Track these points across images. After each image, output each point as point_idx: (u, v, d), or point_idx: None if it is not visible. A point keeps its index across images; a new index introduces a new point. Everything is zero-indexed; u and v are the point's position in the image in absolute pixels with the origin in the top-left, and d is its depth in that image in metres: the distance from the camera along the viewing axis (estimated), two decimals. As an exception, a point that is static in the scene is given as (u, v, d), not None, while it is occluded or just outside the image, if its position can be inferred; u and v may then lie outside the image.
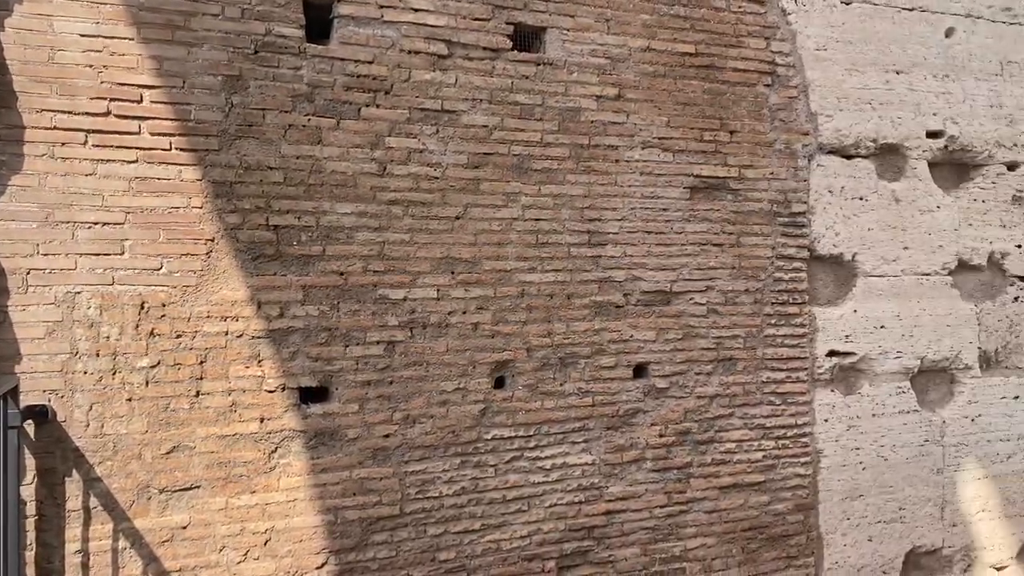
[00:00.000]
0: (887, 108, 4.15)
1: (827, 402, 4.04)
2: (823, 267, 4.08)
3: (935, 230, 4.26)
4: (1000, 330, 4.41)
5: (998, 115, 4.39)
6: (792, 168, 3.96)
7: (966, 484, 4.33)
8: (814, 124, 4.01)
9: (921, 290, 4.23)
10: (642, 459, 3.68)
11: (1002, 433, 4.42)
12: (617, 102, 3.64)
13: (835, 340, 4.05)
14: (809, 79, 4.00)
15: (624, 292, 3.64)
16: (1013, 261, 4.44)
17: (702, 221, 3.78)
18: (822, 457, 4.03)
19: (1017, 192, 4.44)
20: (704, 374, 3.78)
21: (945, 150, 4.30)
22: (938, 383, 4.36)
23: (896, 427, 4.18)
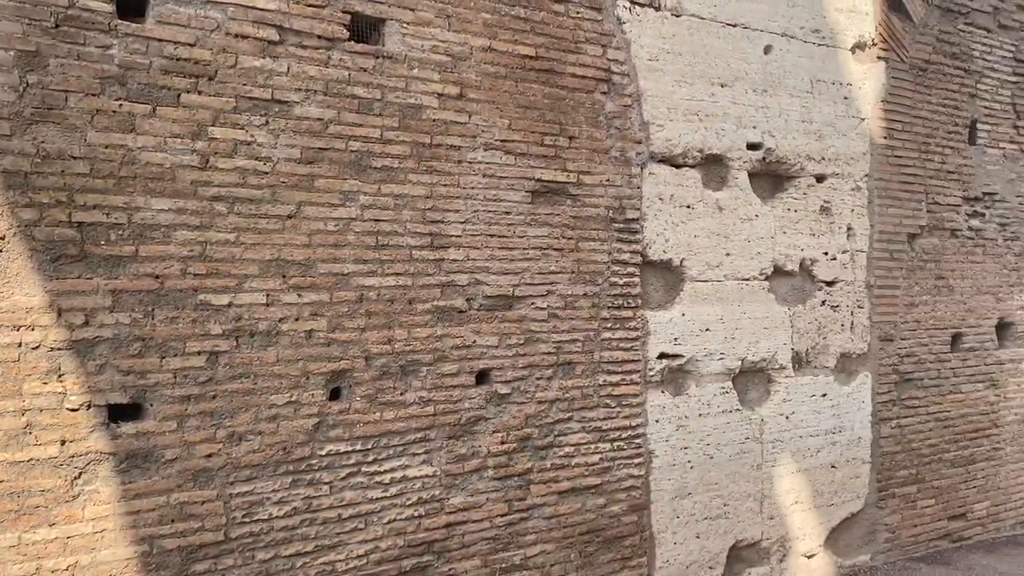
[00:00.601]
0: (712, 120, 4.32)
1: (658, 403, 4.14)
2: (654, 272, 4.18)
3: (754, 237, 4.49)
4: (810, 332, 4.71)
5: (809, 130, 4.69)
6: (627, 175, 4.02)
7: (782, 478, 4.59)
8: (647, 133, 4.10)
9: (742, 294, 4.44)
10: (483, 468, 3.59)
11: (812, 429, 4.72)
12: (459, 101, 3.53)
13: (665, 343, 4.16)
14: (642, 88, 4.08)
15: (467, 297, 3.54)
16: (821, 267, 4.76)
17: (543, 225, 3.75)
18: (654, 457, 4.12)
19: (825, 203, 4.76)
20: (545, 379, 3.75)
21: (763, 161, 4.53)
22: (757, 383, 4.59)
23: (720, 426, 4.35)
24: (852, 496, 4.91)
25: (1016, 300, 5.75)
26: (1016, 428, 5.77)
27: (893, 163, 5.07)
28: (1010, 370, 5.73)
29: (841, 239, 4.85)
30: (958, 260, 5.41)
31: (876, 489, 5.02)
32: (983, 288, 5.55)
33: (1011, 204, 5.71)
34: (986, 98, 5.59)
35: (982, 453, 5.57)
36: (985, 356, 5.57)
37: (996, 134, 5.65)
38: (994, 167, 5.62)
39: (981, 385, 5.55)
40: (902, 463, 5.13)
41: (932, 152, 5.26)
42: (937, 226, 5.30)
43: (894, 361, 5.08)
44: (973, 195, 5.49)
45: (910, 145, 5.15)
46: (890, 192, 5.06)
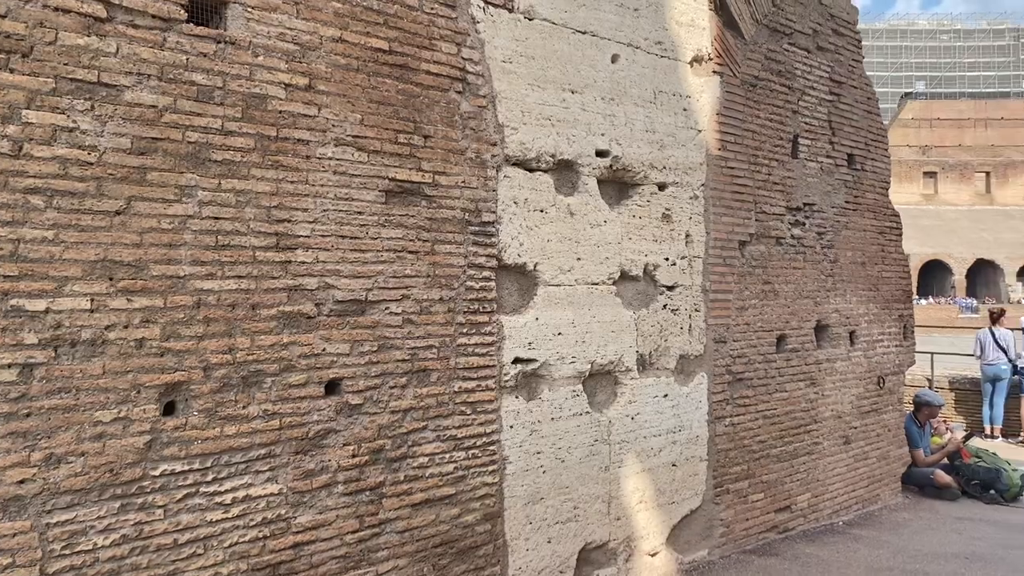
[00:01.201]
0: (564, 125, 4.34)
1: (512, 409, 4.09)
2: (509, 276, 4.14)
3: (603, 243, 4.55)
4: (653, 335, 4.84)
5: (652, 139, 4.82)
6: (482, 177, 3.95)
7: (628, 479, 4.68)
8: (502, 135, 4.05)
9: (592, 299, 4.48)
10: (333, 483, 3.39)
11: (655, 429, 4.84)
12: (308, 93, 3.33)
13: (520, 347, 4.12)
14: (497, 90, 4.03)
15: (316, 301, 3.33)
16: (663, 272, 4.90)
17: (398, 227, 3.60)
18: (508, 464, 4.07)
19: (666, 210, 4.91)
20: (399, 387, 3.61)
21: (610, 169, 4.61)
22: (604, 385, 4.65)
23: (571, 429, 4.37)
24: (691, 493, 5.09)
25: (831, 304, 6.19)
26: (832, 423, 6.21)
27: (726, 173, 5.32)
28: (826, 369, 6.16)
29: (681, 245, 5.02)
30: (782, 266, 5.75)
31: (712, 486, 5.23)
32: (804, 293, 5.93)
33: (827, 214, 6.15)
34: (806, 114, 5.99)
35: (803, 448, 5.94)
36: (805, 356, 5.96)
37: (815, 148, 6.06)
38: (813, 179, 6.03)
39: (802, 383, 5.93)
40: (735, 459, 5.38)
41: (760, 164, 5.57)
42: (764, 234, 5.61)
43: (727, 362, 5.32)
44: (795, 205, 5.86)
45: (741, 157, 5.42)
46: (724, 201, 5.30)
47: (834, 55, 6.27)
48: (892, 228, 6.88)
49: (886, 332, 6.82)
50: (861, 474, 6.57)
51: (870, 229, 6.63)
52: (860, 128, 6.55)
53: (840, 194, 6.30)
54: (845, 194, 6.36)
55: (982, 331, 11.16)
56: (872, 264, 6.64)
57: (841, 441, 6.32)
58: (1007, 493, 7.09)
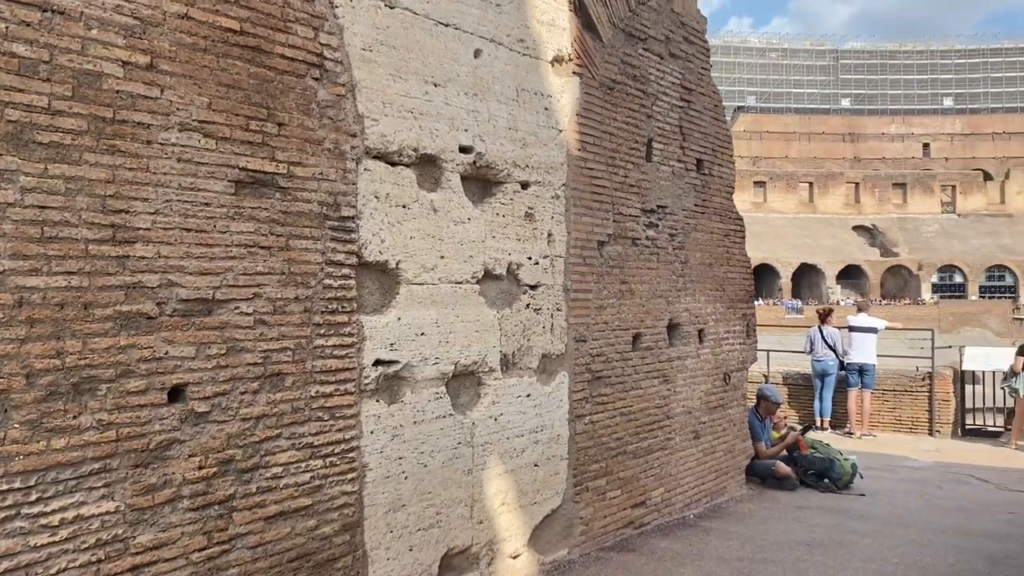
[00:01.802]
0: (427, 119, 4.21)
1: (373, 413, 3.92)
2: (370, 274, 3.97)
3: (466, 241, 4.46)
4: (516, 334, 4.79)
5: (515, 137, 4.77)
6: (341, 170, 3.76)
7: (491, 481, 4.60)
8: (361, 126, 3.88)
9: (456, 298, 4.38)
10: (178, 498, 3.11)
11: (518, 429, 4.80)
12: (149, 73, 3.04)
13: (381, 349, 3.96)
14: (357, 79, 3.85)
15: (158, 300, 3.04)
16: (526, 272, 4.86)
17: (249, 220, 3.36)
18: (368, 471, 3.89)
19: (529, 209, 4.88)
20: (250, 393, 3.36)
21: (474, 165, 4.52)
22: (468, 386, 4.56)
23: (434, 432, 4.24)
24: (552, 493, 5.09)
25: (682, 303, 6.39)
26: (683, 419, 6.40)
27: (586, 174, 5.36)
28: (678, 366, 6.34)
29: (543, 245, 5.00)
30: (638, 267, 5.87)
31: (572, 484, 5.25)
32: (658, 292, 6.08)
33: (679, 217, 6.34)
34: (659, 119, 6.14)
35: (657, 443, 6.08)
36: (659, 354, 6.11)
37: (667, 152, 6.23)
38: (666, 182, 6.19)
39: (656, 380, 6.07)
40: (594, 457, 5.42)
41: (617, 166, 5.65)
42: (621, 235, 5.70)
43: (587, 360, 5.36)
44: (649, 207, 5.99)
45: (600, 158, 5.48)
46: (584, 202, 5.34)
47: (685, 62, 6.47)
48: (736, 231, 7.19)
49: (731, 330, 7.11)
50: (710, 467, 6.81)
51: (717, 232, 6.90)
52: (708, 134, 6.80)
53: (690, 197, 6.51)
54: (695, 197, 6.58)
55: (812, 329, 11.91)
56: (719, 265, 6.91)
57: (691, 436, 6.52)
58: (840, 481, 7.58)
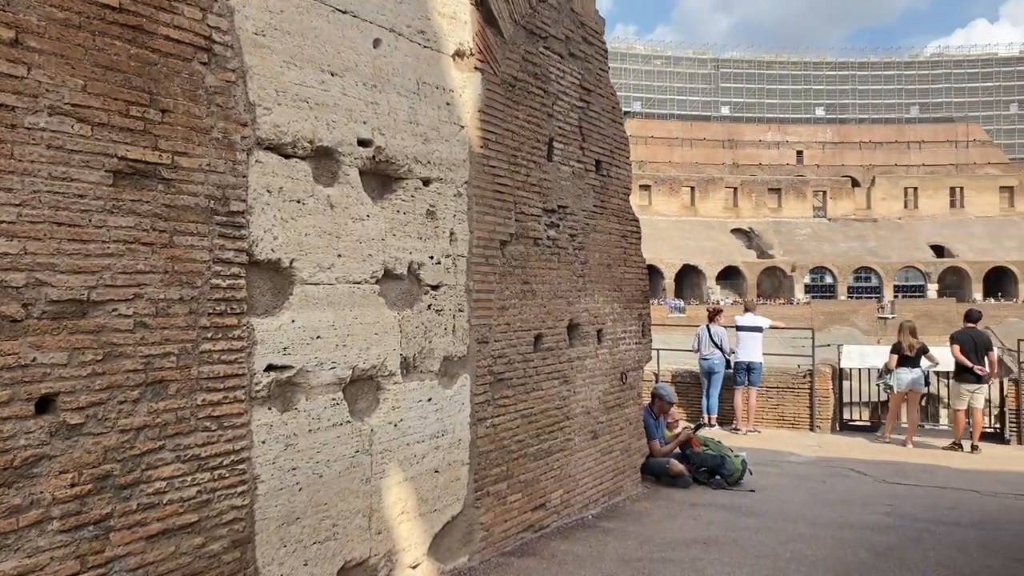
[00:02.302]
0: (323, 109, 4.00)
1: (265, 422, 3.68)
2: (262, 273, 3.72)
3: (365, 239, 4.26)
4: (417, 336, 4.63)
5: (416, 132, 4.61)
6: (230, 161, 3.50)
7: (390, 489, 4.42)
8: (253, 115, 3.63)
9: (354, 299, 4.18)
10: (47, 519, 2.80)
11: (419, 435, 4.63)
12: (14, 49, 2.72)
13: (274, 353, 3.72)
14: (248, 65, 3.60)
15: (24, 302, 2.73)
16: (427, 271, 4.70)
17: (129, 214, 3.07)
18: (259, 483, 3.65)
19: (431, 207, 4.72)
20: (130, 402, 3.07)
21: (373, 160, 4.33)
22: (366, 391, 4.36)
23: (331, 441, 4.03)
24: (453, 499, 4.94)
25: (582, 304, 6.36)
26: (582, 419, 6.38)
27: (489, 172, 5.24)
28: (578, 367, 6.32)
29: (445, 243, 4.85)
30: (540, 267, 5.80)
31: (473, 490, 5.12)
32: (559, 293, 6.03)
33: (579, 217, 6.31)
34: (560, 119, 6.10)
35: (557, 445, 6.03)
36: (560, 355, 6.06)
37: (568, 153, 6.19)
38: (566, 182, 6.15)
39: (556, 381, 6.02)
40: (495, 461, 5.32)
41: (520, 164, 5.56)
42: (523, 234, 5.61)
43: (489, 362, 5.25)
44: (551, 207, 5.93)
45: (502, 156, 5.38)
46: (486, 200, 5.22)
47: (584, 63, 6.46)
48: (633, 232, 7.24)
49: (628, 330, 7.15)
50: (607, 467, 6.82)
51: (615, 232, 6.92)
52: (607, 136, 6.81)
53: (589, 198, 6.50)
54: (594, 198, 6.57)
55: (700, 328, 12.20)
56: (616, 266, 6.94)
57: (590, 436, 6.51)
58: (730, 478, 7.75)
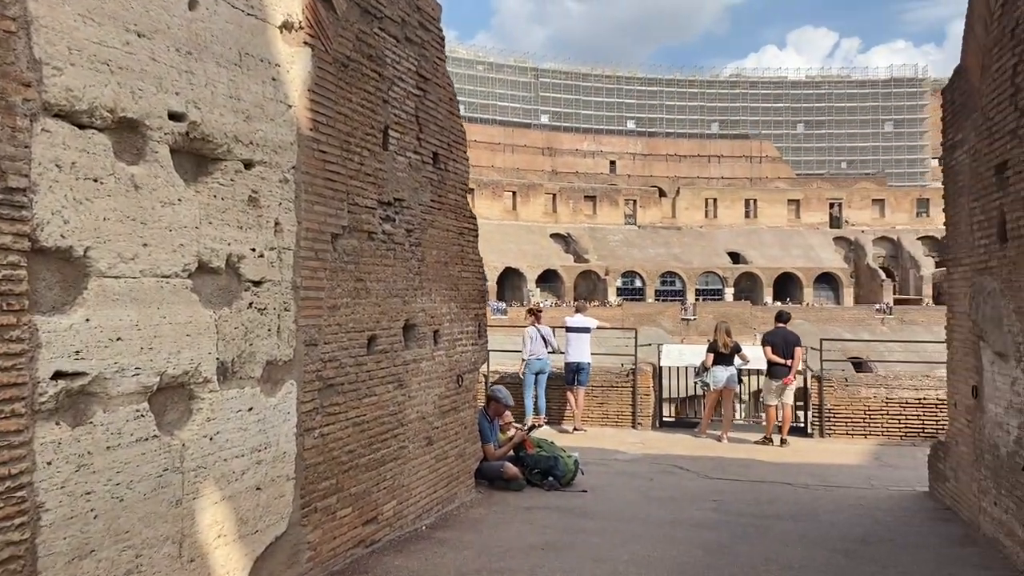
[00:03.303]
0: (128, 75, 3.43)
1: (52, 439, 3.08)
2: (49, 263, 3.12)
3: (177, 226, 3.72)
4: (237, 338, 4.12)
5: (237, 108, 4.11)
6: (9, 128, 2.90)
7: (205, 511, 3.90)
8: (39, 75, 3.03)
9: (162, 295, 3.63)
10: None
11: (238, 449, 4.13)
12: None
13: (63, 358, 3.13)
14: (33, 14, 3.00)
15: None
16: (249, 265, 4.21)
17: None
18: (44, 512, 3.05)
19: (253, 193, 4.24)
20: None
21: (187, 136, 3.80)
22: (177, 401, 3.82)
23: (134, 459, 3.47)
24: (277, 518, 4.47)
25: (418, 303, 6.04)
26: (417, 425, 6.05)
27: (319, 158, 4.81)
28: (413, 370, 5.98)
29: (269, 235, 4.38)
30: (374, 263, 5.42)
31: (300, 506, 4.66)
32: (394, 291, 5.67)
33: (416, 212, 5.98)
34: (396, 106, 5.74)
35: (391, 453, 5.67)
36: (395, 357, 5.70)
37: (404, 143, 5.85)
38: (403, 174, 5.81)
39: (391, 386, 5.66)
40: (324, 474, 4.88)
41: (353, 152, 5.16)
42: (356, 228, 5.21)
43: (318, 367, 4.81)
44: (386, 200, 5.57)
45: (334, 141, 4.96)
46: (316, 188, 4.78)
47: (421, 49, 6.14)
48: (470, 230, 7.00)
49: (464, 331, 6.90)
50: (442, 474, 6.54)
51: (452, 229, 6.65)
52: (444, 128, 6.53)
53: (427, 192, 6.19)
54: (431, 192, 6.27)
55: (529, 328, 12.11)
56: (453, 264, 6.67)
57: (425, 443, 6.20)
58: (564, 478, 7.69)
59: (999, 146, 5.21)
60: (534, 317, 12.27)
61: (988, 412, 5.54)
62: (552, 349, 11.96)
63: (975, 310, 5.68)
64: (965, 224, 6.04)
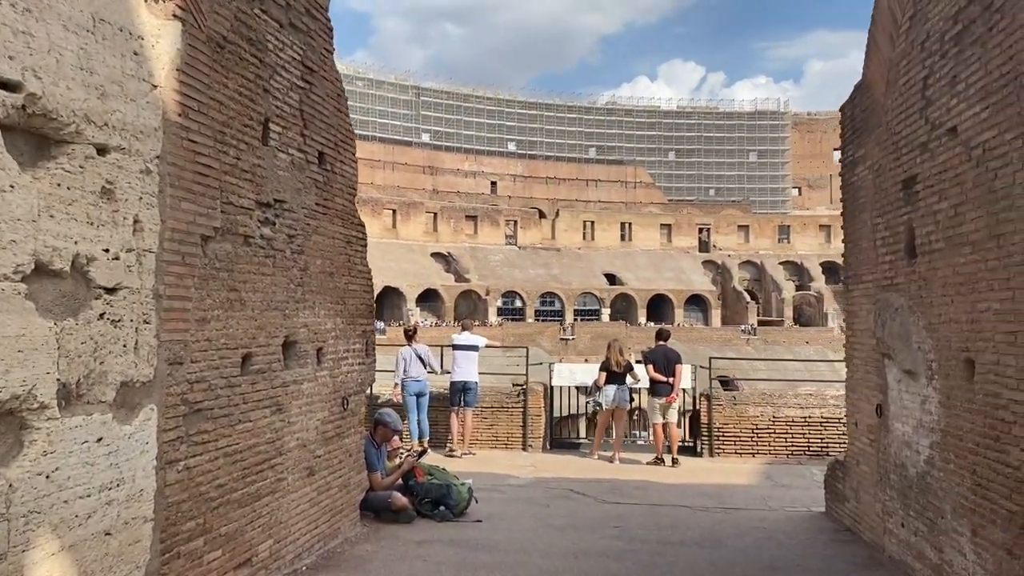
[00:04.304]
0: (-57, 27, 2.77)
1: None
2: None
3: (8, 219, 3.04)
4: (84, 355, 3.44)
5: (90, 83, 3.46)
6: None
7: (38, 566, 3.19)
8: None
9: (-14, 301, 2.94)
10: None
11: (83, 488, 3.44)
12: None
13: None
14: None
15: None
16: (100, 269, 3.54)
17: None
18: None
19: (108, 184, 3.58)
20: None
21: (23, 111, 3.13)
22: (4, 432, 3.11)
23: (-58, 507, 2.76)
24: (131, 568, 3.78)
25: (301, 317, 5.44)
26: (297, 454, 5.43)
27: (188, 148, 4.18)
28: (293, 392, 5.37)
29: (127, 234, 3.72)
30: (251, 271, 4.80)
31: (160, 552, 3.98)
32: (273, 303, 5.06)
33: (298, 215, 5.39)
34: (279, 97, 5.16)
35: (267, 487, 5.03)
36: (273, 378, 5.08)
37: (287, 138, 5.27)
38: (285, 173, 5.22)
39: (268, 411, 5.03)
40: (189, 513, 4.21)
41: (228, 144, 4.56)
42: (231, 230, 4.60)
43: (183, 389, 4.16)
44: (266, 200, 4.97)
45: (207, 131, 4.34)
46: (184, 183, 4.15)
47: (307, 37, 5.58)
48: (358, 238, 6.46)
49: (351, 349, 6.33)
50: (324, 507, 5.91)
51: (339, 237, 6.09)
52: (332, 126, 5.97)
53: (311, 194, 5.61)
54: (316, 195, 5.69)
55: (404, 349, 11.43)
56: (340, 275, 6.10)
57: (305, 473, 5.58)
58: (456, 508, 7.18)
59: (907, 160, 5.15)
60: (407, 337, 11.63)
61: (894, 431, 5.45)
62: (431, 370, 11.39)
63: (880, 327, 5.61)
64: (867, 241, 5.99)
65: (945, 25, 4.57)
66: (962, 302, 4.37)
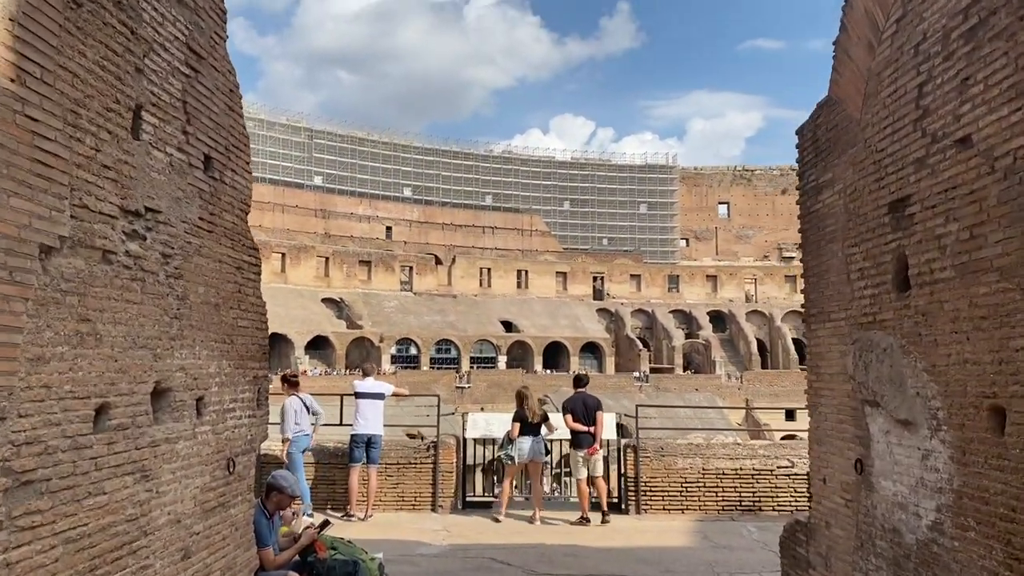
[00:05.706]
0: None
1: None
2: None
3: None
4: None
5: None
6: None
7: None
8: None
9: None
10: None
11: None
12: None
13: None
14: None
15: None
16: None
17: None
18: None
19: None
20: None
21: None
22: None
23: None
24: None
25: (177, 358, 4.32)
26: (168, 533, 4.26)
27: (23, 126, 3.11)
28: (165, 453, 4.23)
29: (-80, 234, 2.61)
30: (111, 297, 3.70)
31: None
32: (140, 340, 3.95)
33: (177, 230, 4.31)
34: (155, 82, 4.12)
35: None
36: (138, 436, 3.94)
37: (164, 134, 4.21)
38: (160, 176, 4.15)
39: (130, 479, 3.88)
40: (8, 627, 3.03)
41: (83, 130, 3.49)
42: (85, 242, 3.50)
43: (6, 454, 3.01)
44: (134, 208, 3.89)
45: (53, 107, 3.27)
46: (16, 172, 3.07)
47: (194, 15, 4.57)
48: (251, 264, 5.39)
49: (239, 398, 5.21)
50: (202, 597, 4.73)
51: (227, 261, 5.01)
52: (222, 126, 4.94)
53: (194, 206, 4.55)
54: (200, 207, 4.63)
55: (289, 399, 10.13)
56: (228, 307, 5.01)
57: (179, 557, 4.41)
58: (365, 587, 6.05)
59: (895, 180, 4.55)
60: (289, 385, 10.34)
61: (881, 490, 4.76)
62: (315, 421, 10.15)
63: (862, 371, 4.94)
64: (837, 274, 5.37)
65: (950, 22, 4.01)
66: (985, 339, 3.73)
